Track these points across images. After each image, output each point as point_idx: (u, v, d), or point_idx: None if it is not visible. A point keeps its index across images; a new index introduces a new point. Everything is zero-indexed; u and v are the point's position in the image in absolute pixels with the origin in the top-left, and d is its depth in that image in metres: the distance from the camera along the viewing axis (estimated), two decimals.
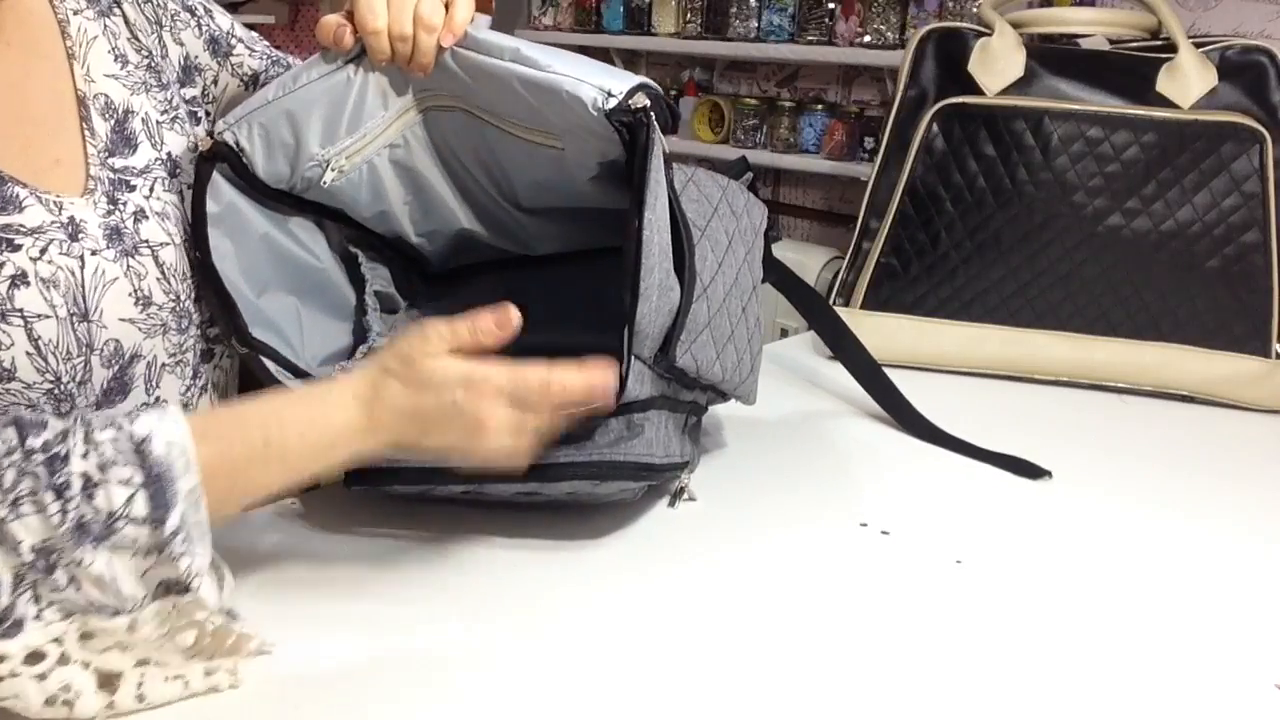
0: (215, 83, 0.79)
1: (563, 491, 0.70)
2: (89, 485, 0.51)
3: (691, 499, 0.79)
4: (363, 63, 0.72)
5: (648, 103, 0.66)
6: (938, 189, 1.06)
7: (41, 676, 0.50)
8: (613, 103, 0.66)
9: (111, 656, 0.52)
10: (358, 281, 0.83)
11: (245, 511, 0.62)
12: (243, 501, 0.59)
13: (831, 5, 2.26)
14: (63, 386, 0.64)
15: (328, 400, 0.60)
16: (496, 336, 0.61)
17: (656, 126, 0.67)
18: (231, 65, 0.80)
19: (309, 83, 0.72)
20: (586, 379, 0.61)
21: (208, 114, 0.79)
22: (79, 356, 0.64)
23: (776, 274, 0.90)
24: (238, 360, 0.82)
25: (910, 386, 0.96)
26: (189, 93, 0.77)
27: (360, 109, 0.74)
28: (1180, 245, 1.02)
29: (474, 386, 0.59)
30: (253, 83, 0.81)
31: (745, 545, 0.75)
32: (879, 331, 1.09)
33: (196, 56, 0.78)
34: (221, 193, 0.72)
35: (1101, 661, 0.63)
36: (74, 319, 0.64)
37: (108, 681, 0.53)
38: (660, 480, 0.74)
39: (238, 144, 0.72)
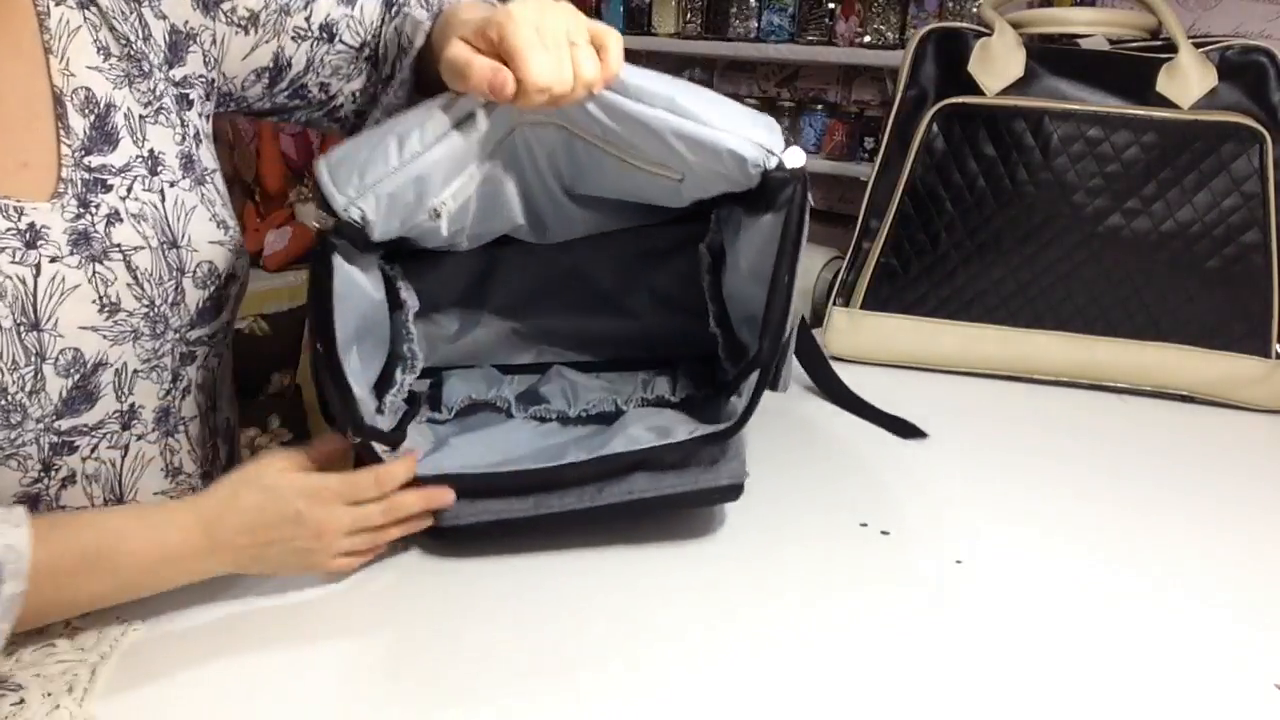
0: (215, 41, 0.75)
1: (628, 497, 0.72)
2: None
3: None
4: (485, 110, 0.67)
5: (803, 162, 0.67)
6: (938, 189, 1.06)
7: None
8: (774, 162, 0.67)
9: None
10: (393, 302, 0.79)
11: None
12: (72, 605, 0.61)
13: (831, 5, 2.26)
14: (10, 397, 0.63)
15: (171, 521, 0.63)
16: (341, 454, 0.69)
17: (809, 185, 0.68)
18: (224, 13, 0.75)
19: (435, 142, 0.66)
20: (406, 465, 0.68)
21: (209, 81, 0.75)
22: (27, 366, 0.63)
23: None
24: (228, 358, 0.81)
25: (910, 386, 0.96)
26: (178, 73, 0.73)
27: (471, 151, 0.69)
28: (1180, 245, 1.02)
29: (315, 495, 0.65)
30: (252, 24, 0.76)
31: (744, 544, 0.74)
32: (879, 331, 1.09)
33: (186, 22, 0.74)
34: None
35: (1101, 661, 0.63)
36: (21, 329, 0.63)
37: None
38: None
39: (364, 217, 0.65)
